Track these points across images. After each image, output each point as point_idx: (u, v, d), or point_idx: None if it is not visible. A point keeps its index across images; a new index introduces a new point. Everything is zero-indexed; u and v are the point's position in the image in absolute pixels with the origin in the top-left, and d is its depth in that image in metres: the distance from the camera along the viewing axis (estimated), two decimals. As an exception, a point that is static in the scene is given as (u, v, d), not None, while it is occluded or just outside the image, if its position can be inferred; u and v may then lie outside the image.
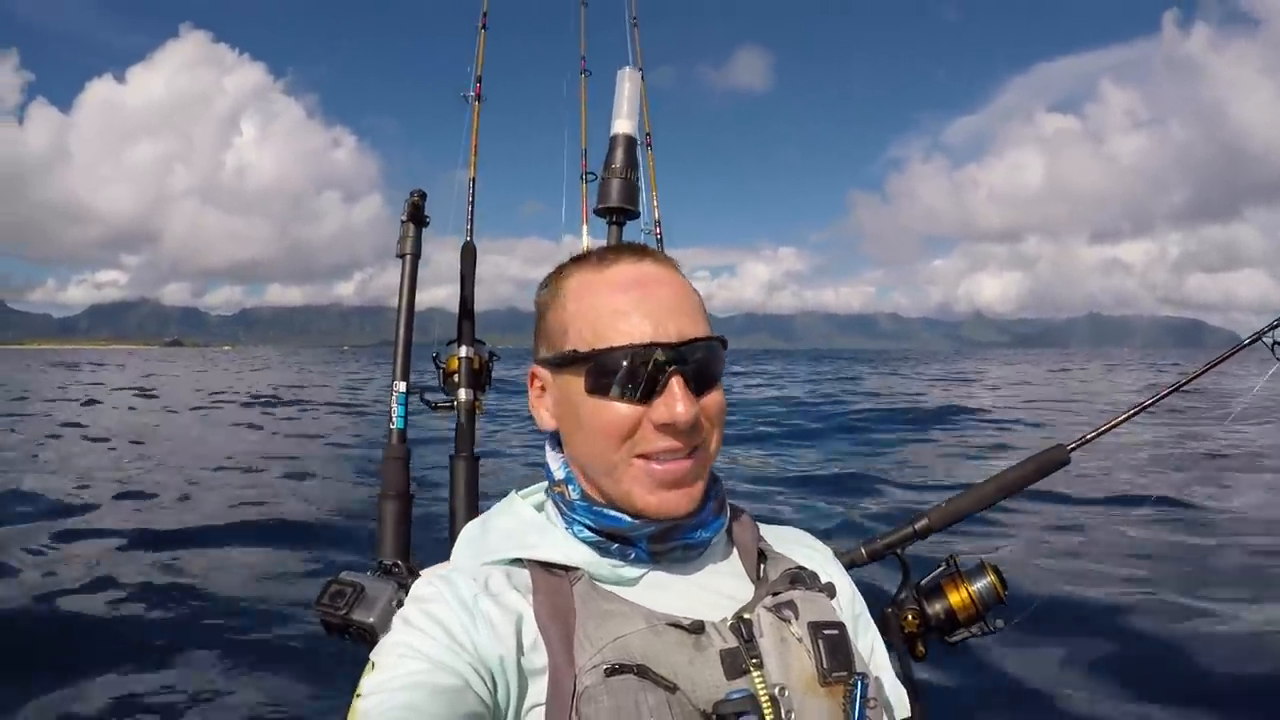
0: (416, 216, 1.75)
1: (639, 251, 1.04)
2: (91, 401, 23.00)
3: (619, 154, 1.75)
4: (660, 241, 2.02)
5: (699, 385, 0.97)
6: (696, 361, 0.97)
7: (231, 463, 11.44)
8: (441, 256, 1.83)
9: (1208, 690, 3.48)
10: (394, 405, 1.70)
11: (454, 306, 1.90)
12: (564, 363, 0.98)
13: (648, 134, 2.09)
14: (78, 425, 15.87)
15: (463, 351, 1.89)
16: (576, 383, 0.97)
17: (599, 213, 1.79)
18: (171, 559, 6.05)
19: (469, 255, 1.94)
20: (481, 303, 1.93)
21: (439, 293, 1.93)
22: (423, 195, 1.75)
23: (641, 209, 1.85)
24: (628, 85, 1.76)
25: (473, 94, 2.04)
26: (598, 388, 0.95)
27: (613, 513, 0.99)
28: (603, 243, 1.79)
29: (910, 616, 1.55)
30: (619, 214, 1.78)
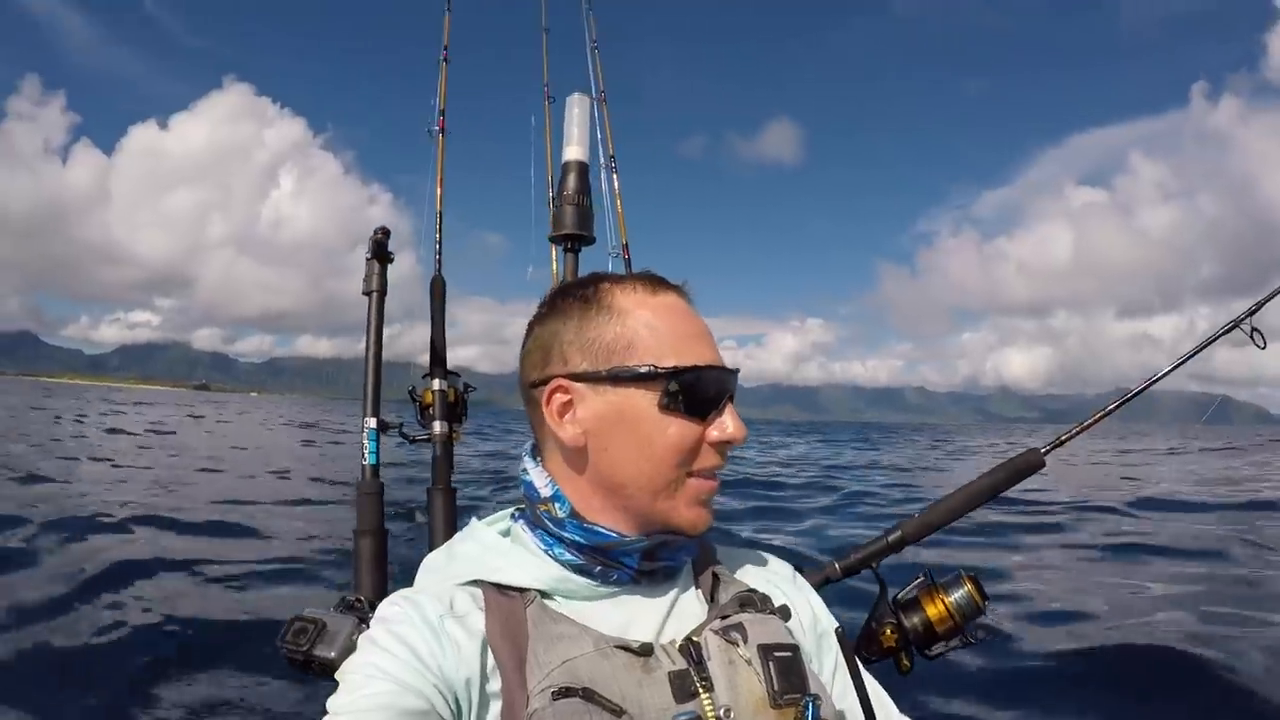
0: (380, 254, 1.76)
1: (671, 284, 1.08)
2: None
3: (571, 180, 1.76)
4: (628, 263, 2.02)
5: None
6: (734, 388, 1.05)
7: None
8: (470, 317, 1.85)
9: (1196, 697, 3.35)
10: (365, 441, 1.71)
11: (481, 367, 1.92)
12: (628, 377, 0.99)
13: (611, 157, 2.09)
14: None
15: (435, 385, 1.90)
16: (643, 397, 0.98)
17: (553, 240, 1.80)
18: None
19: (438, 289, 1.95)
20: (507, 364, 1.94)
21: (468, 351, 1.94)
22: (386, 232, 1.77)
23: (608, 232, 1.85)
24: (576, 111, 1.77)
25: (436, 128, 2.06)
26: (673, 405, 0.98)
27: (603, 530, 1.00)
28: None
29: (889, 631, 1.52)
30: (573, 240, 1.78)
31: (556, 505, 1.03)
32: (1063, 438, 1.59)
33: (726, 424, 1.00)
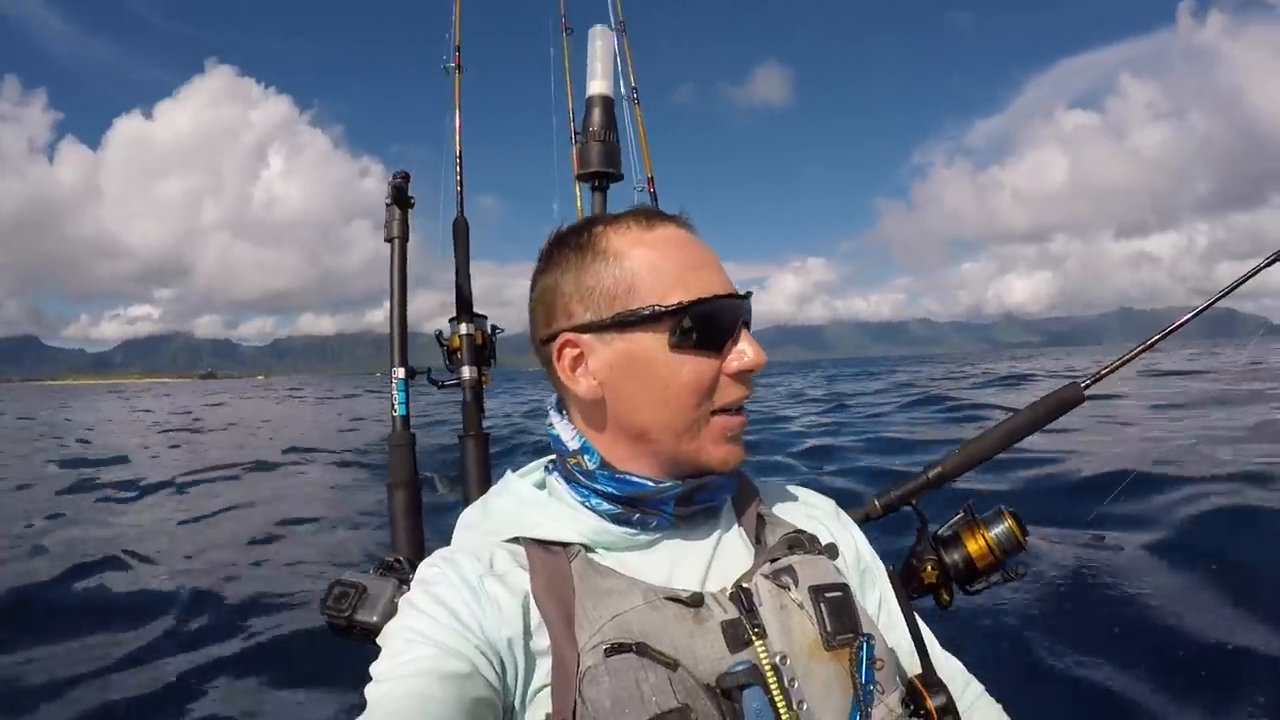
0: (401, 199, 1.72)
1: (672, 215, 1.05)
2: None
3: (596, 115, 1.70)
4: (655, 198, 1.97)
5: None
6: (749, 314, 1.01)
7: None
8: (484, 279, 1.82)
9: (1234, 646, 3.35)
10: (394, 392, 1.70)
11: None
12: (634, 321, 0.96)
13: (634, 89, 2.03)
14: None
15: (463, 329, 1.87)
16: (652, 340, 0.96)
17: (581, 178, 1.75)
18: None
19: (461, 231, 1.92)
20: (511, 324, 1.91)
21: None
22: (405, 176, 1.73)
23: (632, 167, 1.80)
24: (599, 44, 1.70)
25: (453, 64, 2.00)
26: (685, 342, 0.95)
27: (636, 478, 0.99)
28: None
29: (929, 567, 1.51)
30: (601, 178, 1.74)
31: (586, 458, 1.02)
32: (1102, 372, 1.56)
33: (745, 351, 0.98)
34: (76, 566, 5.87)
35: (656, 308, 0.95)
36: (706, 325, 0.95)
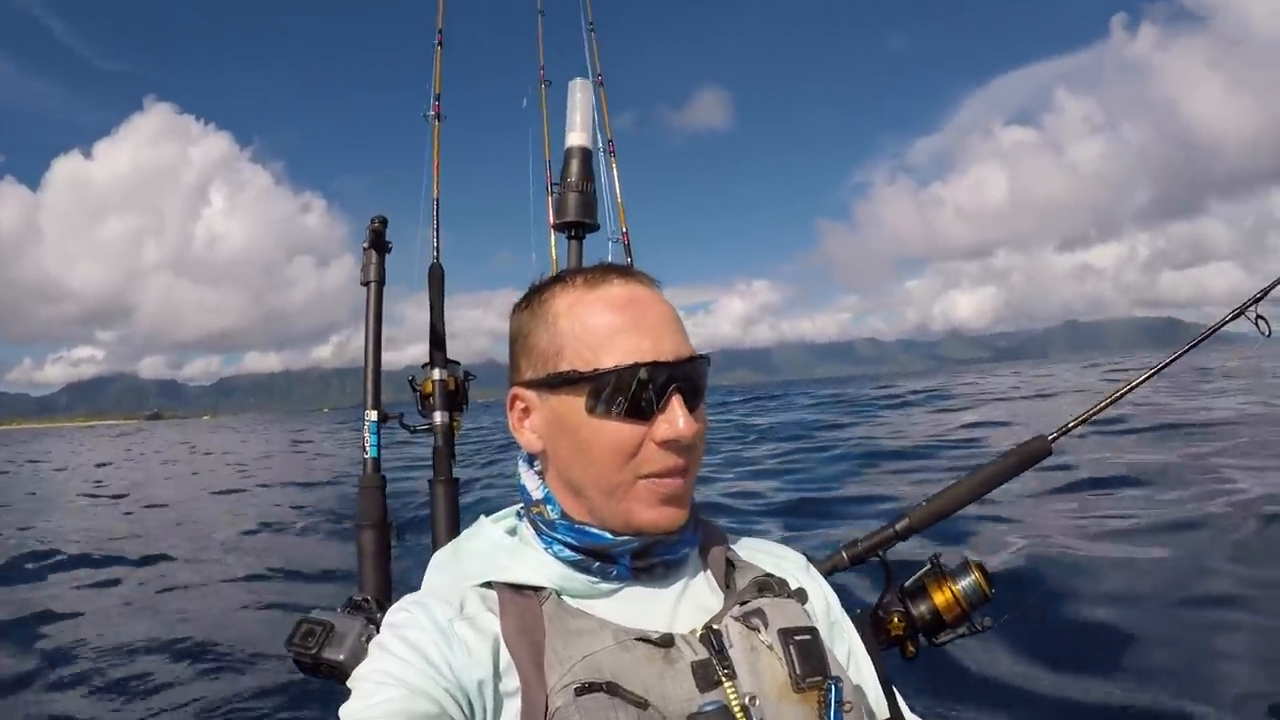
0: (378, 243, 1.73)
1: (625, 272, 1.04)
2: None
3: (574, 166, 1.73)
4: (629, 249, 2.00)
5: (692, 403, 0.97)
6: (691, 380, 0.97)
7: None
8: (420, 315, 1.82)
9: (1209, 689, 3.38)
10: (366, 434, 1.69)
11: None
12: (560, 383, 0.97)
13: (610, 141, 2.07)
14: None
15: (436, 374, 1.87)
16: (574, 403, 0.96)
17: (557, 228, 1.77)
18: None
19: (436, 277, 1.92)
20: (460, 356, 1.92)
21: (419, 350, 1.93)
22: (383, 221, 1.74)
23: (607, 218, 1.83)
24: (579, 96, 1.74)
25: (432, 113, 2.02)
26: (599, 408, 0.95)
27: (595, 530, 0.99)
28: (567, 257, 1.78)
29: (896, 619, 1.52)
30: (577, 228, 1.76)
31: (548, 508, 1.03)
32: (1070, 425, 1.60)
33: (668, 422, 0.95)
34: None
35: (574, 373, 0.96)
36: (622, 393, 0.94)
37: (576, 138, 1.74)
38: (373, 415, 1.70)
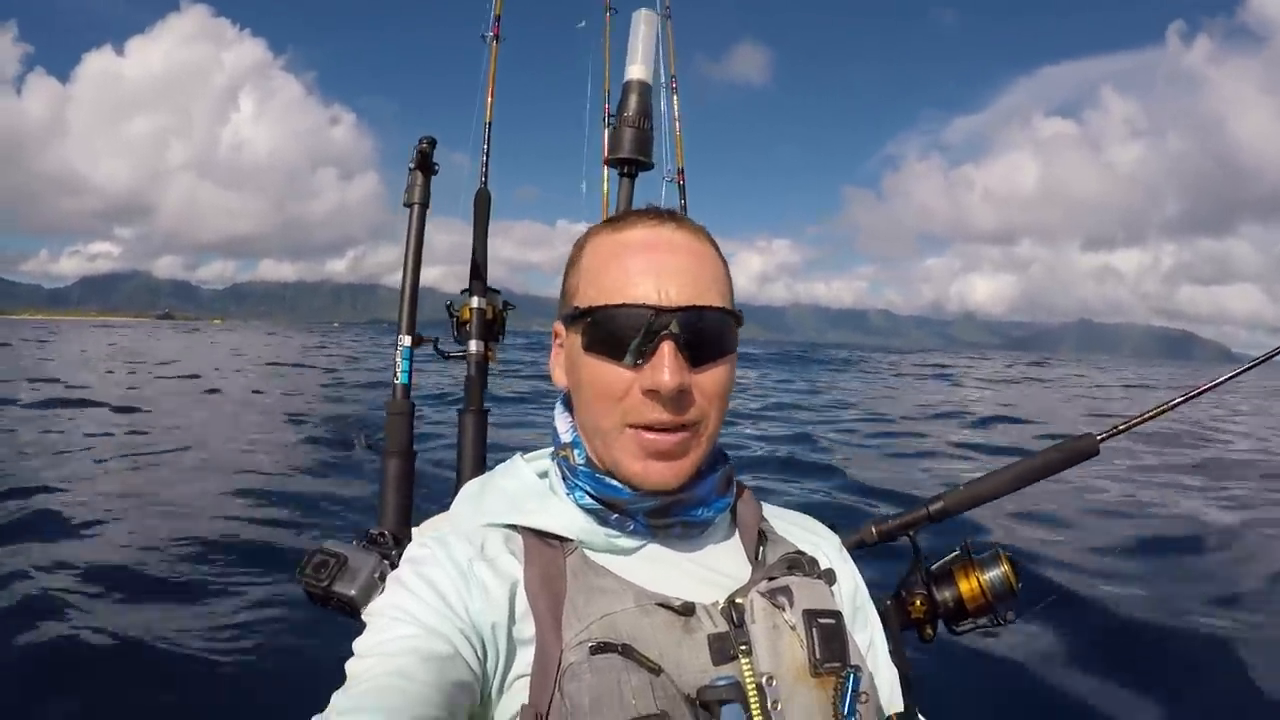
0: (425, 164, 1.68)
1: (662, 216, 1.01)
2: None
3: (632, 101, 1.66)
4: (683, 189, 1.93)
5: (697, 356, 0.93)
6: (694, 330, 0.93)
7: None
8: (438, 237, 1.77)
9: (1224, 692, 3.35)
10: (398, 360, 1.67)
11: (447, 287, 1.85)
12: (570, 319, 0.97)
13: (673, 77, 1.99)
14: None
15: (474, 302, 1.84)
16: (578, 341, 0.96)
17: (610, 163, 1.71)
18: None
19: (483, 203, 1.88)
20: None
21: (433, 271, 1.88)
22: (432, 142, 1.68)
23: (664, 156, 1.76)
24: (643, 28, 1.67)
25: (491, 34, 1.95)
26: (592, 346, 0.94)
27: (613, 482, 0.98)
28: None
29: (918, 602, 1.49)
30: (631, 165, 1.70)
31: (574, 452, 1.02)
32: (1120, 427, 1.53)
33: (652, 371, 0.91)
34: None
35: (576, 309, 0.96)
36: (606, 332, 0.93)
37: (637, 71, 1.66)
38: (406, 340, 1.67)
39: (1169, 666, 3.64)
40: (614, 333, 0.92)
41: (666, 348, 0.91)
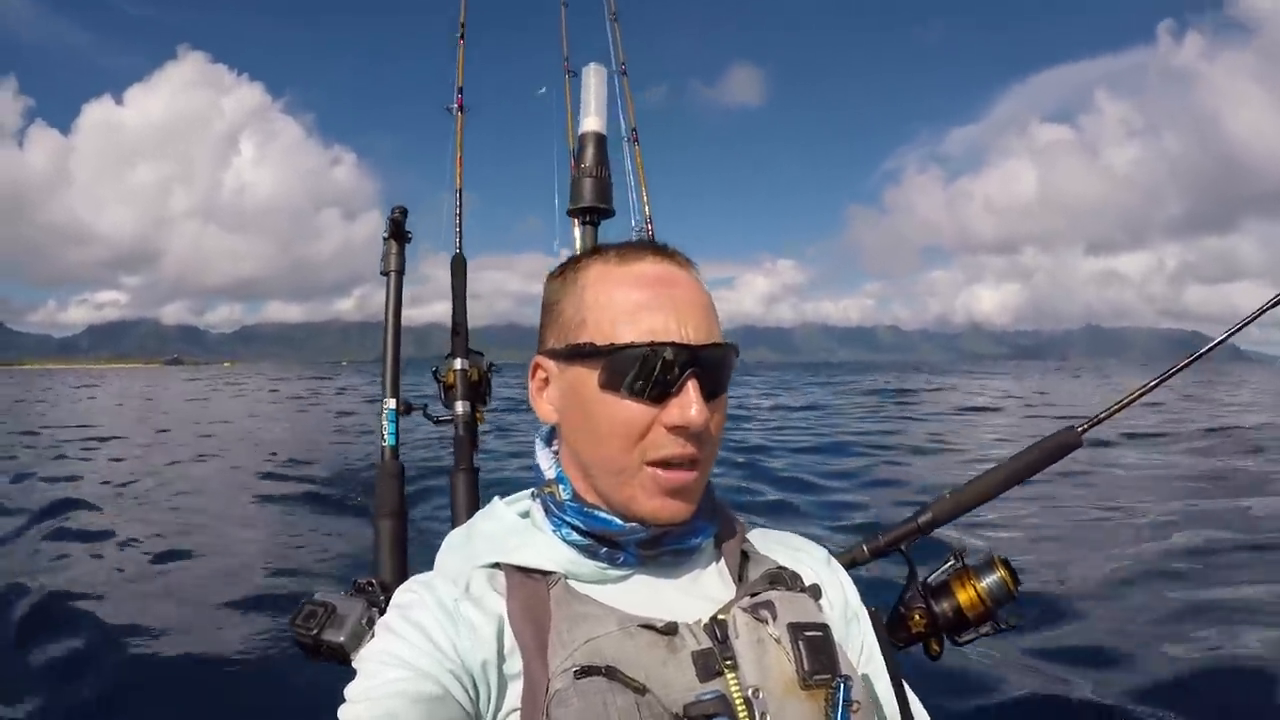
0: (398, 233, 1.75)
1: (660, 250, 1.02)
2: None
3: (589, 152, 1.73)
4: (653, 237, 1.98)
5: (711, 391, 0.94)
6: (712, 365, 0.94)
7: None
8: (440, 274, 1.83)
9: (1232, 689, 3.22)
10: (384, 423, 1.70)
11: (447, 322, 1.90)
12: (577, 355, 0.96)
13: (633, 130, 2.06)
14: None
15: (457, 364, 1.88)
16: (589, 377, 0.95)
17: (571, 214, 1.77)
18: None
19: (459, 268, 1.94)
20: (480, 318, 1.92)
21: (438, 308, 1.93)
22: (403, 211, 1.75)
23: (631, 207, 1.82)
24: (593, 81, 1.74)
25: (455, 106, 2.04)
26: (612, 384, 0.93)
27: (604, 515, 0.98)
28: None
29: (918, 616, 1.47)
30: (591, 213, 1.75)
31: (560, 487, 1.02)
32: (1100, 416, 1.52)
33: (678, 408, 0.91)
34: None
35: (591, 346, 0.94)
36: (633, 371, 0.92)
37: (591, 123, 1.73)
38: (391, 404, 1.71)
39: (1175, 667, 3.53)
40: (639, 371, 0.91)
41: (692, 385, 0.92)
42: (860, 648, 1.07)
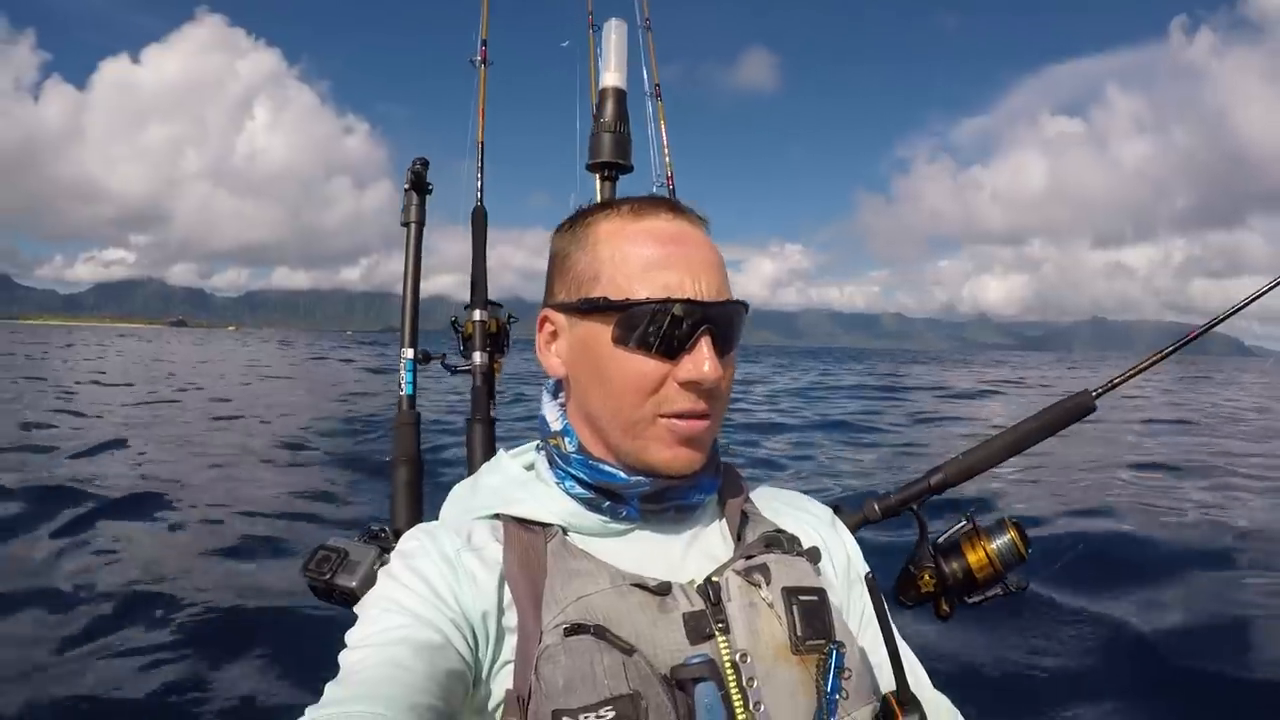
0: (419, 184, 1.75)
1: (675, 207, 1.02)
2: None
3: (608, 107, 1.72)
4: (673, 194, 1.98)
5: (723, 347, 0.95)
6: (725, 322, 0.95)
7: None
8: (449, 247, 1.83)
9: (1238, 663, 3.19)
10: (402, 372, 1.73)
11: (459, 295, 1.91)
12: (590, 309, 0.96)
13: (656, 85, 2.05)
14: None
15: (476, 315, 1.89)
16: (603, 332, 0.95)
17: (590, 168, 1.76)
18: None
19: (480, 219, 1.94)
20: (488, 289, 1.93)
21: (444, 279, 1.93)
22: (424, 163, 1.76)
23: (652, 163, 1.81)
24: (614, 37, 1.73)
25: (478, 58, 2.04)
26: (626, 339, 0.93)
27: (608, 468, 0.98)
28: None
29: (927, 576, 1.47)
30: (610, 168, 1.75)
31: (565, 440, 1.02)
32: (1115, 381, 1.50)
33: (693, 364, 0.92)
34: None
35: (605, 300, 0.94)
36: (648, 327, 0.92)
37: (610, 78, 1.72)
38: (409, 354, 1.73)
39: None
40: (653, 326, 0.92)
41: (705, 341, 0.92)
42: (861, 612, 1.07)
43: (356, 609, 0.92)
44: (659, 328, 0.91)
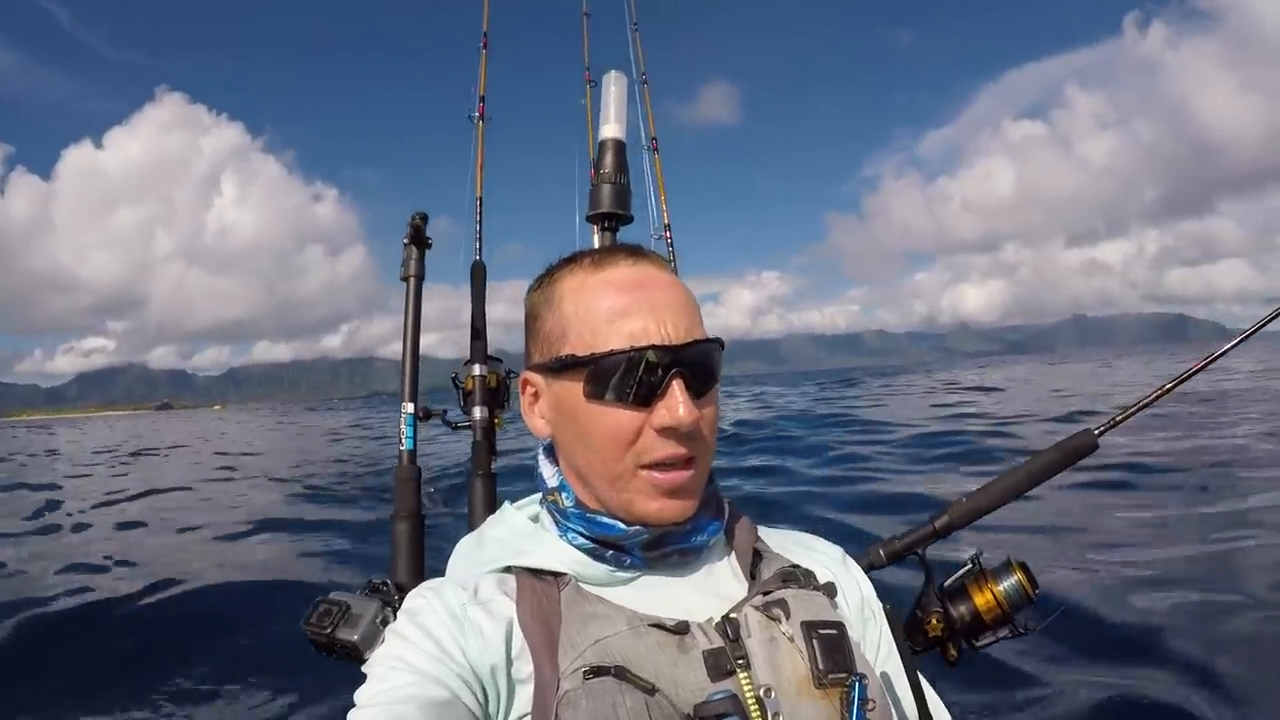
0: (418, 239, 1.77)
1: (634, 252, 1.03)
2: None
3: (608, 158, 1.74)
4: (671, 246, 2.00)
5: (699, 389, 0.95)
6: (697, 363, 0.95)
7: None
8: (429, 305, 1.84)
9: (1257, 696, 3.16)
10: (402, 427, 1.72)
11: (442, 353, 1.92)
12: (561, 367, 0.97)
13: (653, 138, 2.08)
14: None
15: (476, 370, 1.90)
16: (575, 389, 0.96)
17: (590, 219, 1.78)
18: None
19: (479, 274, 1.96)
20: (465, 341, 1.94)
21: (428, 337, 1.95)
22: (424, 217, 1.77)
23: (650, 214, 1.83)
24: (613, 89, 1.75)
25: (476, 114, 2.07)
26: (597, 393, 0.93)
27: (606, 520, 0.98)
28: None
29: (935, 620, 1.46)
30: (610, 219, 1.76)
31: (563, 495, 1.03)
32: (1116, 419, 1.51)
33: (667, 409, 0.92)
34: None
35: (573, 357, 0.95)
36: (617, 377, 0.92)
37: (610, 130, 1.74)
38: (409, 409, 1.72)
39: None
40: (623, 377, 0.92)
41: (677, 385, 0.92)
42: (878, 646, 1.07)
43: (365, 669, 0.92)
44: (629, 377, 0.92)
